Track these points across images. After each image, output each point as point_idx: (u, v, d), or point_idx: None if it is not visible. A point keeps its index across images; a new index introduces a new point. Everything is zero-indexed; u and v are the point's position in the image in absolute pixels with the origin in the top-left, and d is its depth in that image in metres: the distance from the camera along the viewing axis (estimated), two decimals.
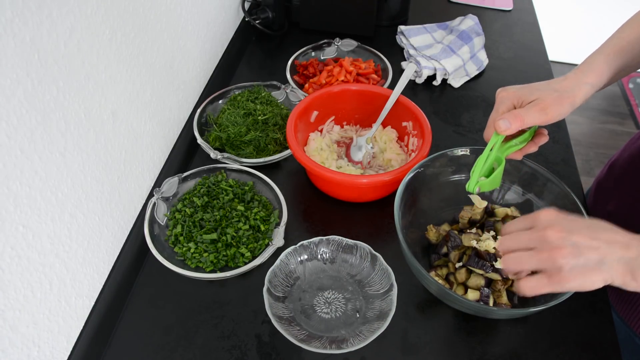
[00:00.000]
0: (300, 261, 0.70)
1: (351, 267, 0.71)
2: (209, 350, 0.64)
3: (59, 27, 0.51)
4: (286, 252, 0.69)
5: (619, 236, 0.46)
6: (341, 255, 0.71)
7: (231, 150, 0.85)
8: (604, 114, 2.56)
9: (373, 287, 0.68)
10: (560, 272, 0.45)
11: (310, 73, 1.02)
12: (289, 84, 0.97)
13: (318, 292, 0.69)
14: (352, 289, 0.69)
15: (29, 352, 0.53)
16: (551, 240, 0.45)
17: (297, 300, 0.68)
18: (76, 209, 0.58)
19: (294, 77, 1.01)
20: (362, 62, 1.04)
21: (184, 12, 0.83)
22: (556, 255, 0.44)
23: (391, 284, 0.65)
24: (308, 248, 0.70)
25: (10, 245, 0.48)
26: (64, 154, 0.54)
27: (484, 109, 1.01)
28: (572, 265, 0.44)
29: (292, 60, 1.03)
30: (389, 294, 0.65)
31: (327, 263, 0.71)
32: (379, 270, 0.68)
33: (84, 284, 0.62)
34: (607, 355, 0.65)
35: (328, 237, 0.70)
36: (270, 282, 0.66)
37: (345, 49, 1.08)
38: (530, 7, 1.35)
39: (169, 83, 0.80)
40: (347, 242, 0.70)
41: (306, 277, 0.70)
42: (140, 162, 0.73)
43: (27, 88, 0.47)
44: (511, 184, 0.75)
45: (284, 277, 0.68)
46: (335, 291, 0.69)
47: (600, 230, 0.46)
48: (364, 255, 0.70)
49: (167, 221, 0.75)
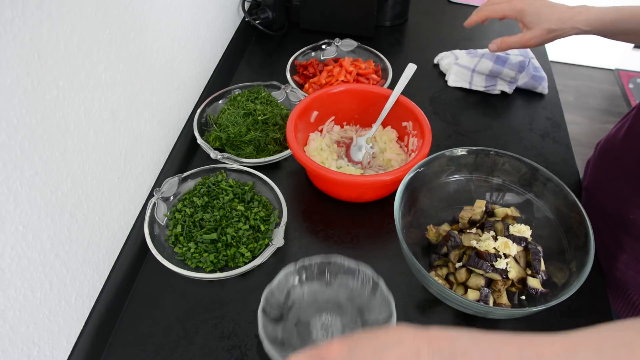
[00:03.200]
0: (299, 282, 0.67)
1: (351, 291, 0.67)
2: (209, 350, 0.64)
3: (59, 27, 0.51)
4: (285, 272, 0.65)
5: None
6: (342, 277, 0.68)
7: (231, 150, 0.85)
8: (604, 114, 2.56)
9: (372, 314, 0.65)
10: None
11: (310, 73, 1.02)
12: (289, 84, 0.97)
13: (315, 315, 0.66)
14: (351, 314, 0.66)
15: (29, 352, 0.53)
16: None
17: (293, 323, 0.65)
18: (76, 209, 0.58)
19: (294, 77, 1.00)
20: (362, 62, 1.04)
21: (184, 12, 0.83)
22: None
23: (390, 313, 0.62)
24: (308, 268, 0.67)
25: (10, 245, 0.48)
26: (64, 154, 0.54)
27: (483, 108, 1.01)
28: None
29: (292, 60, 1.03)
30: (388, 323, 0.62)
31: (326, 285, 0.68)
32: (379, 297, 0.64)
33: (84, 284, 0.62)
34: None
35: (329, 259, 0.67)
36: (266, 301, 0.63)
37: (345, 49, 1.08)
38: None
39: (169, 83, 0.80)
40: (349, 264, 0.67)
41: (304, 299, 0.67)
42: (140, 162, 0.73)
43: (27, 88, 0.47)
44: (511, 184, 0.75)
45: (282, 297, 0.65)
46: (333, 315, 0.66)
47: (385, 349, 0.38)
48: (365, 280, 0.66)
49: (167, 221, 0.75)
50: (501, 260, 0.64)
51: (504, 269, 0.65)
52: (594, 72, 2.82)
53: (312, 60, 1.05)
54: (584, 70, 2.83)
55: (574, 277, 0.61)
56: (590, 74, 2.80)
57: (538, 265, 0.66)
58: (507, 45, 0.85)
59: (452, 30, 1.24)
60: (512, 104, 1.03)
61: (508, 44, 0.85)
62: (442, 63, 1.10)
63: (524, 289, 0.66)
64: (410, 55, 1.15)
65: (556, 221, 0.69)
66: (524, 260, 0.68)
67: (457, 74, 1.05)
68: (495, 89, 1.03)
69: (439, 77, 1.09)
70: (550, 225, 0.70)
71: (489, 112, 1.00)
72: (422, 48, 1.17)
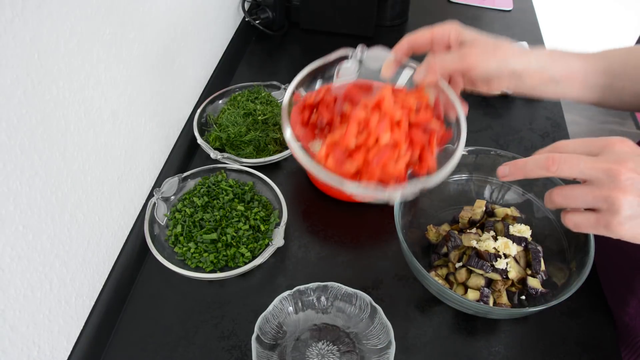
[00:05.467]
0: (294, 308, 0.65)
1: (349, 317, 0.65)
2: (209, 350, 0.64)
3: (59, 27, 0.51)
4: (280, 297, 0.64)
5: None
6: (339, 303, 0.66)
7: (231, 150, 0.85)
8: (604, 114, 2.56)
9: (370, 342, 0.63)
10: (614, 216, 0.38)
11: (323, 119, 0.52)
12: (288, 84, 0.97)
13: (312, 342, 0.64)
14: (348, 342, 0.64)
15: (29, 352, 0.53)
16: (618, 179, 0.37)
17: (288, 350, 0.63)
18: (76, 209, 0.58)
19: (294, 131, 0.50)
20: (407, 93, 0.51)
21: (184, 12, 0.83)
22: (617, 196, 0.37)
23: (389, 341, 0.61)
24: (304, 293, 0.65)
25: (10, 245, 0.48)
26: (64, 154, 0.54)
27: (483, 108, 1.01)
28: (630, 213, 0.37)
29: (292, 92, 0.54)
30: (386, 352, 0.60)
31: (323, 312, 0.66)
32: (378, 324, 0.63)
33: (84, 284, 0.62)
34: (607, 355, 0.65)
35: (326, 284, 0.66)
36: (260, 329, 0.61)
37: (373, 66, 0.56)
38: (530, 7, 1.35)
39: (169, 83, 0.80)
40: (346, 290, 0.65)
41: (300, 325, 0.65)
42: (140, 162, 0.73)
43: (27, 88, 0.47)
44: (511, 184, 0.75)
45: (276, 324, 0.64)
46: (330, 342, 0.64)
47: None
48: (363, 306, 0.64)
49: (167, 221, 0.75)
50: (501, 260, 0.64)
51: (504, 269, 0.65)
52: None
53: (324, 92, 0.53)
54: None
55: (574, 277, 0.61)
56: None
57: (538, 266, 0.66)
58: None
59: None
60: (512, 104, 1.03)
61: None
62: None
63: (524, 289, 0.66)
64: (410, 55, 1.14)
65: (556, 221, 0.69)
66: (524, 260, 0.68)
67: None
68: None
69: None
70: (550, 225, 0.70)
71: (489, 112, 1.00)
72: None
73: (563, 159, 0.40)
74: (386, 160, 0.45)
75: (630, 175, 0.37)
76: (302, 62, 0.55)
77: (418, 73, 0.50)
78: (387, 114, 0.46)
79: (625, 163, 0.38)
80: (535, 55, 0.51)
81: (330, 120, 0.51)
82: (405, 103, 0.48)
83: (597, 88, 0.54)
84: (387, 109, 0.46)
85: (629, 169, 0.37)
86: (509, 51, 0.50)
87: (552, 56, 0.52)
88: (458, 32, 0.51)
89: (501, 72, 0.50)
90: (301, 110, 0.53)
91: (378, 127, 0.46)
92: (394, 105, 0.47)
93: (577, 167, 0.39)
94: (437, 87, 0.50)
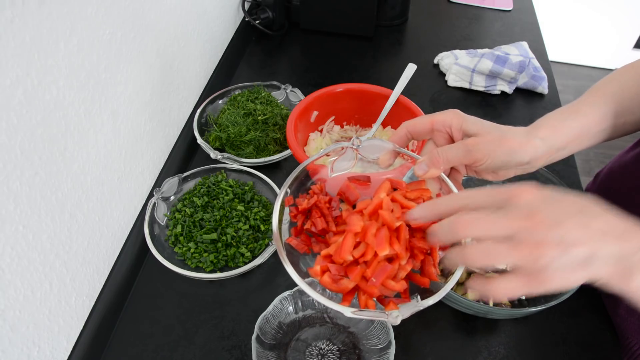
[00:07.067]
0: (294, 308, 0.65)
1: (349, 317, 0.64)
2: (209, 350, 0.64)
3: (59, 27, 0.51)
4: (280, 297, 0.64)
5: (613, 225, 0.37)
6: None
7: (231, 150, 0.85)
8: None
9: (370, 342, 0.63)
10: (542, 273, 0.36)
11: (317, 225, 0.48)
12: (288, 84, 0.97)
13: (311, 342, 0.64)
14: (348, 342, 0.64)
15: (29, 352, 0.53)
16: (534, 234, 0.36)
17: (288, 350, 0.63)
18: (76, 209, 0.58)
19: (287, 241, 0.48)
20: (406, 185, 0.48)
21: (184, 12, 0.83)
22: (540, 253, 0.36)
23: (389, 341, 0.61)
24: (304, 293, 0.65)
25: (10, 245, 0.48)
26: (64, 154, 0.54)
27: (483, 108, 1.01)
28: (556, 265, 0.36)
29: (283, 195, 0.49)
30: (386, 352, 0.60)
31: (323, 312, 0.66)
32: (378, 324, 0.63)
33: (84, 284, 0.62)
34: (607, 355, 0.65)
35: None
36: (260, 329, 0.61)
37: (370, 157, 0.52)
38: (530, 7, 1.35)
39: (169, 83, 0.80)
40: None
41: (300, 325, 0.65)
42: (140, 162, 0.73)
43: (27, 88, 0.47)
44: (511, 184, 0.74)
45: (276, 324, 0.63)
46: (330, 342, 0.64)
47: (592, 217, 0.38)
48: None
49: (167, 221, 0.75)
50: None
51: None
52: (594, 72, 2.82)
53: (317, 195, 0.49)
54: (584, 70, 2.83)
55: None
56: (590, 74, 2.80)
57: None
58: None
59: (452, 30, 1.24)
60: (512, 104, 1.03)
61: None
62: (442, 63, 1.10)
63: None
64: (410, 55, 1.15)
65: None
66: None
67: (457, 74, 1.05)
68: (495, 89, 1.03)
69: (439, 77, 1.09)
70: None
71: (489, 112, 1.00)
72: (422, 48, 1.17)
73: (471, 222, 0.38)
74: (386, 277, 0.43)
75: (544, 227, 0.36)
76: (302, 62, 0.55)
77: (420, 166, 0.46)
78: (386, 223, 0.43)
79: (535, 215, 0.37)
80: (540, 138, 0.50)
81: (324, 229, 0.48)
82: (405, 203, 0.44)
83: (601, 134, 0.54)
84: (385, 219, 0.42)
85: (540, 222, 0.37)
86: (515, 142, 0.48)
87: (555, 129, 0.51)
88: (460, 121, 0.49)
89: (509, 165, 0.49)
90: (294, 217, 0.49)
91: (376, 240, 0.42)
92: (393, 213, 0.43)
93: (489, 229, 0.38)
94: (439, 180, 0.48)
